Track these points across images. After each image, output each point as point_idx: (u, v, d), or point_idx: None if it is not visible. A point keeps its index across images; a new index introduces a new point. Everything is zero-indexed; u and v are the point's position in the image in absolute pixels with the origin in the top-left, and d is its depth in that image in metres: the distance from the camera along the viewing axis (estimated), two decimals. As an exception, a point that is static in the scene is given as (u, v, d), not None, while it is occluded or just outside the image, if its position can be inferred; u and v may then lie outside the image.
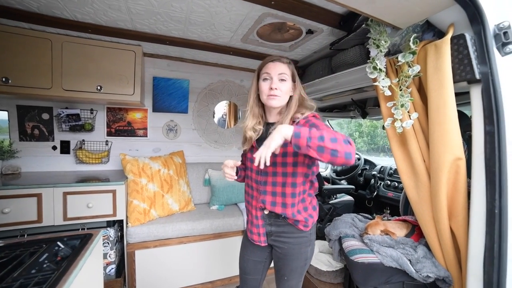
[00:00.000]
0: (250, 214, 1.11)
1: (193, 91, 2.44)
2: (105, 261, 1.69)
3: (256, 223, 1.07)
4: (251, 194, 1.08)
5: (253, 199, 1.07)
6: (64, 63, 1.70)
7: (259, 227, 1.06)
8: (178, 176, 2.08)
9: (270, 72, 0.97)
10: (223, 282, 1.96)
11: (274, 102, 0.97)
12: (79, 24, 1.56)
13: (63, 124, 1.96)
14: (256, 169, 1.02)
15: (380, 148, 3.98)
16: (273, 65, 0.97)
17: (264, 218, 1.06)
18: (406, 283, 1.23)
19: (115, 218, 1.69)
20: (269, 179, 1.00)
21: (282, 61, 0.99)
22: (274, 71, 0.96)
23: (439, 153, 0.99)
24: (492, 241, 0.88)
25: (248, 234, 1.12)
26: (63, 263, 0.68)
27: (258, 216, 1.05)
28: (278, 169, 0.98)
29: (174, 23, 1.56)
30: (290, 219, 1.01)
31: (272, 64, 0.98)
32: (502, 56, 0.92)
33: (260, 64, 1.03)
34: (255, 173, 1.04)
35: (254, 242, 1.09)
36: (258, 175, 1.03)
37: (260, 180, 1.02)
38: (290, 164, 0.96)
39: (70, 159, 2.06)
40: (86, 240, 0.82)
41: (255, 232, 1.08)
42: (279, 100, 0.97)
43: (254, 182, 1.05)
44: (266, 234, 1.07)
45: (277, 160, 0.97)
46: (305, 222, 1.01)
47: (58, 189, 1.54)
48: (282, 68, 0.97)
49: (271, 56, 1.01)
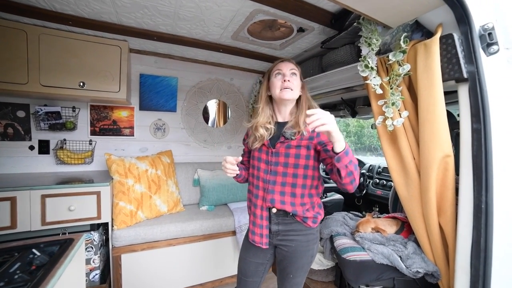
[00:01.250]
0: (253, 215, 1.08)
1: (181, 89, 2.38)
2: (88, 267, 1.60)
3: (259, 223, 1.04)
4: (255, 193, 1.07)
5: (258, 199, 1.05)
6: (42, 57, 1.59)
7: (262, 227, 1.04)
8: (166, 177, 2.01)
9: (281, 69, 1.04)
10: (214, 284, 1.92)
11: (288, 94, 1.01)
12: (58, 15, 1.46)
13: (41, 122, 1.84)
14: (264, 168, 1.04)
15: (367, 147, 4.08)
16: (284, 64, 1.06)
17: (271, 217, 1.05)
18: (397, 279, 1.25)
19: (99, 221, 1.60)
20: (279, 179, 1.01)
21: (291, 61, 1.08)
22: (285, 68, 1.04)
23: (429, 150, 1.01)
24: (478, 235, 0.91)
25: (249, 235, 1.09)
26: (39, 272, 0.62)
27: (263, 216, 1.04)
28: (289, 170, 1.00)
29: (162, 17, 1.51)
30: (299, 216, 1.01)
31: (282, 63, 1.06)
32: (487, 56, 0.95)
33: (271, 66, 1.10)
34: (263, 172, 1.04)
35: (255, 243, 1.06)
36: (266, 174, 1.03)
37: (269, 179, 1.02)
38: (301, 166, 0.99)
39: (49, 159, 1.94)
40: (66, 245, 0.75)
41: (257, 233, 1.05)
42: (291, 93, 1.02)
43: (262, 181, 1.04)
44: (272, 234, 1.06)
45: (289, 161, 1.00)
46: (314, 218, 1.03)
47: (36, 191, 1.44)
48: (292, 65, 1.06)
49: (280, 58, 1.11)
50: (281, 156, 1.01)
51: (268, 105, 1.08)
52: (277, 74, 1.04)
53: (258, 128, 1.04)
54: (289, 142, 1.00)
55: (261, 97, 1.09)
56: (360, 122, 4.05)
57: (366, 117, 2.37)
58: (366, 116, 2.31)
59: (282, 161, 1.01)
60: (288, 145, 1.00)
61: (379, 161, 2.64)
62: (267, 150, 1.05)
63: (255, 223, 1.07)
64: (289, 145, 1.00)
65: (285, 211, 1.01)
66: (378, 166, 2.50)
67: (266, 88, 1.09)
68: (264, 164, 1.05)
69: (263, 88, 1.09)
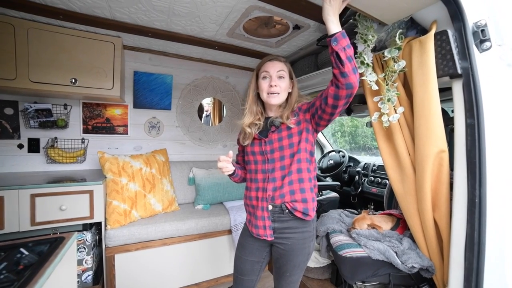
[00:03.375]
0: (252, 207, 1.08)
1: (176, 87, 2.35)
2: (80, 268, 1.56)
3: (261, 215, 1.03)
4: (255, 187, 1.06)
5: (258, 191, 1.05)
6: (31, 52, 1.54)
7: (265, 219, 1.03)
8: (161, 175, 1.98)
9: (268, 71, 1.03)
10: (209, 284, 1.90)
11: (274, 100, 1.03)
12: (47, 8, 1.41)
13: (31, 120, 1.79)
14: (261, 159, 1.04)
15: (361, 147, 4.12)
16: (271, 64, 1.04)
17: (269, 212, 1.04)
18: (392, 274, 1.26)
19: (92, 220, 1.56)
20: (277, 165, 1.02)
21: (279, 59, 1.06)
22: (272, 69, 1.03)
23: (424, 146, 1.02)
24: (472, 229, 0.92)
25: (253, 230, 1.07)
26: (26, 272, 0.59)
27: (264, 208, 1.03)
28: (286, 152, 1.00)
29: (157, 13, 1.48)
30: (299, 211, 1.00)
31: (270, 63, 1.04)
32: (480, 52, 0.96)
33: (258, 64, 1.09)
34: (261, 163, 1.04)
35: (259, 237, 1.04)
36: (264, 164, 1.04)
37: (268, 168, 1.03)
38: (296, 143, 1.00)
39: (40, 158, 1.89)
40: (56, 244, 0.72)
41: (260, 225, 1.04)
42: (278, 97, 1.03)
43: (261, 172, 1.04)
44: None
45: (283, 143, 1.01)
46: (313, 207, 1.03)
47: (24, 191, 1.39)
48: (279, 66, 1.04)
49: (268, 56, 1.08)
50: (275, 143, 1.02)
51: (256, 104, 1.09)
52: (264, 77, 1.04)
53: (245, 128, 1.08)
54: (280, 127, 1.03)
55: (249, 96, 1.10)
56: (354, 122, 4.09)
57: (361, 115, 2.39)
58: (361, 114, 2.32)
59: (277, 146, 1.02)
60: (280, 129, 1.03)
61: (374, 159, 2.66)
62: (259, 142, 1.06)
63: (256, 215, 1.05)
64: (280, 130, 1.03)
65: (281, 208, 1.01)
66: (373, 164, 2.52)
67: (254, 87, 1.09)
68: (260, 156, 1.05)
69: (251, 87, 1.09)
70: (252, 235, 1.08)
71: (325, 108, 0.92)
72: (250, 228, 1.09)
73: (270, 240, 1.04)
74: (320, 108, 0.94)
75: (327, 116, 0.93)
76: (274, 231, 1.04)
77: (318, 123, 0.99)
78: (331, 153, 3.04)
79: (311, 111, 0.99)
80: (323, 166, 2.98)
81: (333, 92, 0.86)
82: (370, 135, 3.51)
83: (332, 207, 2.36)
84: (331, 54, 0.84)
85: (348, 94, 0.85)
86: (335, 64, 0.83)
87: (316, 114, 0.97)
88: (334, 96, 0.86)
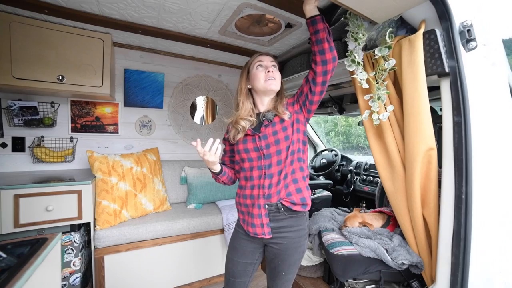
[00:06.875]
0: (246, 208, 1.05)
1: (168, 85, 2.32)
2: (68, 270, 1.52)
3: (258, 213, 1.00)
4: (250, 185, 1.03)
5: (253, 189, 1.02)
6: (14, 47, 1.48)
7: (261, 216, 1.00)
8: (152, 174, 1.95)
9: (263, 60, 1.06)
10: (202, 284, 1.88)
11: (273, 85, 1.03)
12: (31, 1, 1.37)
13: (15, 118, 1.73)
14: (256, 155, 1.02)
15: (355, 146, 4.16)
16: (264, 56, 1.08)
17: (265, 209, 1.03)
18: (383, 271, 1.27)
19: (80, 221, 1.52)
20: (274, 159, 1.00)
21: (270, 54, 1.11)
22: (266, 60, 1.07)
23: (413, 143, 1.03)
24: (459, 225, 0.93)
25: (249, 230, 1.03)
26: (3, 275, 0.57)
27: (261, 205, 1.00)
28: (282, 145, 1.00)
29: (147, 9, 1.46)
30: (297, 203, 1.00)
31: (262, 56, 1.09)
32: (466, 52, 0.98)
33: (249, 60, 1.11)
34: (256, 159, 1.02)
35: (257, 236, 1.01)
36: (260, 160, 1.01)
37: (264, 163, 1.01)
38: (291, 134, 1.00)
39: (25, 158, 1.83)
40: (38, 246, 0.69)
41: (257, 224, 1.00)
42: (276, 82, 1.04)
43: (257, 169, 1.02)
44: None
45: (279, 136, 1.00)
46: (309, 195, 1.05)
47: (7, 191, 1.34)
48: (271, 58, 1.09)
49: (259, 52, 1.16)
50: (270, 137, 1.01)
51: (248, 99, 1.09)
52: (258, 66, 1.05)
53: (239, 121, 1.04)
54: (273, 120, 1.03)
55: (241, 90, 1.09)
56: (348, 121, 4.13)
57: (354, 114, 2.41)
58: (353, 113, 2.34)
59: (272, 140, 1.00)
60: (273, 123, 1.02)
61: (367, 158, 2.69)
62: (252, 138, 1.03)
63: (252, 214, 1.01)
64: (274, 123, 1.02)
65: (277, 206, 1.00)
66: (365, 163, 2.55)
67: (245, 81, 1.09)
68: (254, 153, 1.02)
69: (242, 82, 1.09)
70: (248, 235, 1.05)
71: (315, 89, 0.98)
72: (246, 228, 1.05)
73: (268, 238, 1.01)
74: (310, 92, 0.99)
75: (317, 96, 1.00)
76: (270, 229, 1.02)
77: (309, 109, 1.03)
78: (324, 152, 3.06)
79: (300, 100, 1.04)
80: (316, 165, 3.00)
81: (321, 69, 0.94)
82: (363, 135, 3.55)
83: (325, 206, 2.38)
84: (321, 31, 0.92)
85: (333, 67, 0.95)
86: (325, 39, 0.92)
87: (306, 100, 1.02)
88: (323, 73, 0.95)
